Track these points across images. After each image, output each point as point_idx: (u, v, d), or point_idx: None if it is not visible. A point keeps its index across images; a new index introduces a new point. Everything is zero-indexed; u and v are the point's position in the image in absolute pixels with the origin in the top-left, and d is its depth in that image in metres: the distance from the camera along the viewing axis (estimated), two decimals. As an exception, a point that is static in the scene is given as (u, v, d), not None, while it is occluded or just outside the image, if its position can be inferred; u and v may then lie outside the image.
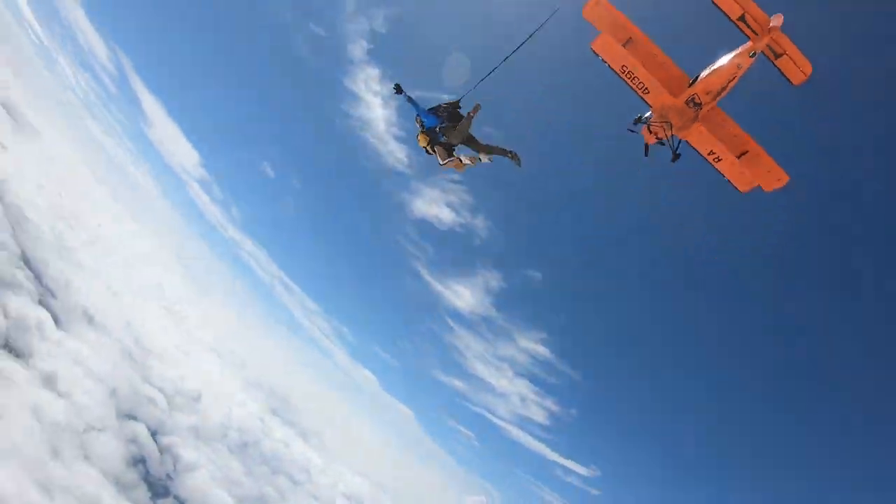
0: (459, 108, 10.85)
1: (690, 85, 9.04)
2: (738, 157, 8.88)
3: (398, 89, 10.69)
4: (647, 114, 9.78)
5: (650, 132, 9.79)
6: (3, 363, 48.13)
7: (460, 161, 10.58)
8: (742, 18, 7.83)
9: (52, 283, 66.58)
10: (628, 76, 9.18)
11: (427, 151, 11.00)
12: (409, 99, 10.72)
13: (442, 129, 10.63)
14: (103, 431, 54.32)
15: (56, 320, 61.16)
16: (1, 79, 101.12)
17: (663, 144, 9.68)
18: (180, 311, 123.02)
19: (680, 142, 9.40)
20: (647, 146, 10.21)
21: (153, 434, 62.04)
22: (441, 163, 10.70)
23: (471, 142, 10.74)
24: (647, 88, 9.14)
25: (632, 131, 10.22)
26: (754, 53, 8.19)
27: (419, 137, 10.90)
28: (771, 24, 7.92)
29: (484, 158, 10.51)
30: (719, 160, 9.05)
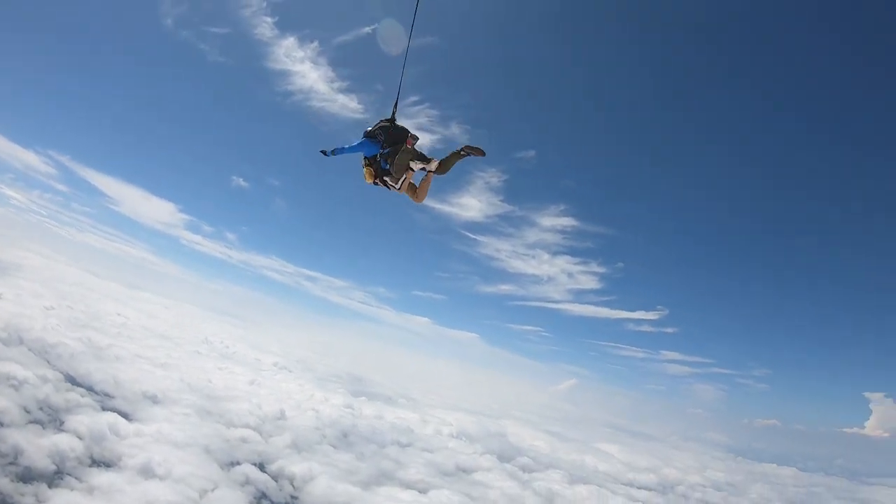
0: (395, 120, 9.44)
1: None
2: None
3: (324, 153, 9.49)
4: None
5: None
6: (98, 479, 50.88)
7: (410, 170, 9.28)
8: None
9: (105, 387, 69.32)
10: None
11: (377, 184, 9.70)
12: (335, 151, 9.46)
13: (384, 155, 9.34)
14: (217, 488, 57.89)
15: (125, 416, 64.16)
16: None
17: None
18: (230, 349, 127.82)
19: None
20: None
21: (260, 467, 65.96)
22: (397, 187, 9.42)
23: (422, 159, 9.38)
24: None
25: None
26: None
27: (364, 173, 9.61)
28: None
29: (433, 165, 9.19)
30: None
